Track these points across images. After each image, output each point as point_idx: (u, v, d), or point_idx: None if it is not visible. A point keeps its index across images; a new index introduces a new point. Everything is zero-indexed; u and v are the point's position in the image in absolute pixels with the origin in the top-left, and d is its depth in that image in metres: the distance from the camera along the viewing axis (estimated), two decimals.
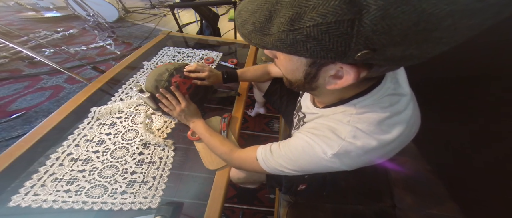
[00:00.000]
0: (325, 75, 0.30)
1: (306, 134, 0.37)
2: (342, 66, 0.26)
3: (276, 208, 0.95)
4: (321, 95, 0.40)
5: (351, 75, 0.26)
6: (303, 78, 0.32)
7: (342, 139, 0.32)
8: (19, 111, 1.37)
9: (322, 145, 0.34)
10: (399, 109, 0.33)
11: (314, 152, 0.34)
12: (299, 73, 0.32)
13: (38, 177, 0.52)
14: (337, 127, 0.34)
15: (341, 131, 0.33)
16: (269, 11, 0.22)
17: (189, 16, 3.18)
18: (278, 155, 0.41)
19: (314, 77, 0.31)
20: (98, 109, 0.69)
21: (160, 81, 0.63)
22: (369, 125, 0.32)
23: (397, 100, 0.34)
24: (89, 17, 2.25)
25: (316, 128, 0.37)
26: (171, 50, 1.12)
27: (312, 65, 0.29)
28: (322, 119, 0.38)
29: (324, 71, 0.29)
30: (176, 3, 1.60)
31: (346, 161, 0.33)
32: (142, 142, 0.62)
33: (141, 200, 0.50)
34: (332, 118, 0.36)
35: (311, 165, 0.36)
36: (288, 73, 0.35)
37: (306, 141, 0.36)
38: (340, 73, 0.28)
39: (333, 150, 0.32)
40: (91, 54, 2.08)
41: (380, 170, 0.82)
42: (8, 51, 1.81)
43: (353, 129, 0.32)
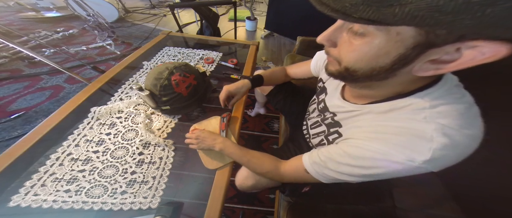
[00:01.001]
0: (424, 59, 0.25)
1: (373, 140, 0.32)
2: (461, 46, 0.21)
3: (276, 208, 0.95)
4: (380, 88, 0.34)
5: (487, 55, 0.20)
6: (391, 64, 0.26)
7: (430, 141, 0.27)
8: (19, 111, 1.37)
9: (405, 152, 0.29)
10: (471, 99, 0.30)
11: (395, 160, 0.29)
12: (386, 59, 0.26)
13: (38, 177, 0.51)
14: (415, 126, 0.29)
15: (423, 131, 0.28)
16: None
17: (189, 16, 3.18)
18: (336, 165, 0.37)
19: (407, 62, 0.26)
20: (98, 108, 0.69)
21: (160, 80, 0.63)
22: (453, 118, 0.27)
23: (464, 91, 0.31)
24: (89, 17, 2.25)
25: (383, 132, 0.32)
26: (171, 50, 1.12)
27: (416, 48, 0.23)
28: (383, 122, 0.33)
29: (427, 55, 0.24)
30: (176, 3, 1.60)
31: (439, 163, 0.28)
32: (142, 142, 0.62)
33: (141, 200, 0.50)
34: (397, 117, 0.31)
35: (390, 173, 0.32)
36: (364, 60, 0.28)
37: (377, 149, 0.31)
38: (447, 57, 0.23)
39: (424, 156, 0.27)
40: (91, 54, 2.07)
41: None
42: (8, 51, 1.80)
43: (437, 126, 0.27)
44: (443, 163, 0.28)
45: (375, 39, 0.25)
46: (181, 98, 0.67)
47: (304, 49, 1.40)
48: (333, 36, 0.31)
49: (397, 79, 0.30)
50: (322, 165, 0.39)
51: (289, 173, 0.48)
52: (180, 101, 0.67)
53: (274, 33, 2.77)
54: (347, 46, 0.29)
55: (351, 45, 0.28)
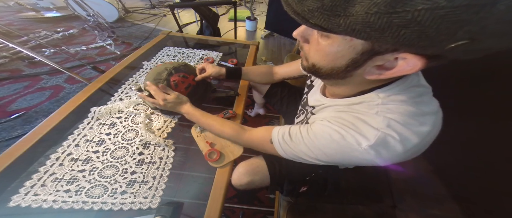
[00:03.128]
0: (371, 64, 0.28)
1: (333, 123, 0.35)
2: (398, 57, 0.25)
3: (276, 208, 0.95)
4: (345, 85, 0.38)
5: (411, 67, 0.24)
6: (345, 66, 0.30)
7: (376, 129, 0.30)
8: (19, 111, 1.37)
9: (355, 135, 0.32)
10: (427, 100, 0.33)
11: (345, 142, 0.33)
12: (342, 61, 0.30)
13: (38, 177, 0.51)
14: (366, 118, 0.32)
15: (372, 122, 0.31)
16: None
17: (189, 16, 3.18)
18: (299, 141, 0.39)
19: (358, 66, 0.29)
20: (98, 108, 0.69)
21: (159, 80, 0.63)
22: (401, 115, 0.30)
23: (423, 91, 0.33)
24: (89, 17, 2.25)
25: (342, 118, 0.35)
26: (171, 50, 1.12)
27: (365, 54, 0.27)
28: (343, 111, 0.37)
29: (373, 61, 0.28)
30: (176, 3, 1.60)
31: (384, 153, 0.31)
32: (142, 142, 0.62)
33: (141, 200, 0.50)
34: (355, 109, 0.35)
35: (340, 155, 0.35)
36: (326, 60, 0.32)
37: (336, 130, 0.34)
38: (388, 64, 0.27)
39: (368, 141, 0.30)
40: (91, 54, 2.07)
41: (380, 170, 0.82)
42: (8, 51, 1.80)
43: (385, 119, 0.30)
44: (387, 153, 0.31)
45: (335, 41, 0.28)
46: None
47: None
48: (306, 33, 0.33)
49: (354, 79, 0.34)
50: (287, 138, 0.42)
51: (252, 139, 0.51)
52: None
53: (274, 33, 2.77)
54: (315, 45, 0.32)
55: (318, 44, 0.31)
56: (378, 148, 0.30)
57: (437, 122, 0.32)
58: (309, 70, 0.37)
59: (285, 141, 0.42)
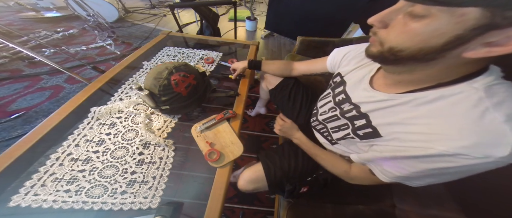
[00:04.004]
0: (481, 40, 0.24)
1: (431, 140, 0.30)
2: None
3: (276, 208, 0.95)
4: (420, 72, 0.33)
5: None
6: (442, 44, 0.26)
7: (504, 136, 0.25)
8: (19, 111, 1.37)
9: (476, 149, 0.27)
10: None
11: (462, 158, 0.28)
12: (439, 39, 0.26)
13: (38, 177, 0.52)
14: (480, 121, 0.27)
15: (494, 125, 0.26)
16: None
17: (189, 16, 3.18)
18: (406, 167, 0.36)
19: (460, 43, 0.25)
20: (98, 108, 0.69)
21: (159, 79, 0.63)
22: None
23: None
24: (89, 17, 2.25)
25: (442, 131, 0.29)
26: (171, 50, 1.12)
27: (477, 29, 0.23)
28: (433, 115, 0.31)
29: (486, 36, 0.24)
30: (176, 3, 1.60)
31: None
32: (142, 142, 0.62)
33: (141, 200, 0.50)
34: (452, 109, 0.30)
35: (461, 173, 0.30)
36: (416, 40, 0.28)
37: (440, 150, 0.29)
38: (503, 41, 0.23)
39: (501, 152, 0.25)
40: (91, 54, 2.07)
41: None
42: (8, 51, 1.80)
43: (506, 118, 0.25)
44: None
45: (435, 20, 0.25)
46: (181, 98, 0.67)
47: (304, 49, 1.40)
48: (388, 17, 0.31)
49: (442, 62, 0.29)
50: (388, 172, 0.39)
51: (359, 177, 0.50)
52: (179, 101, 0.67)
53: (274, 33, 2.77)
54: (401, 27, 0.29)
55: (405, 26, 0.28)
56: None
57: None
58: (380, 56, 0.33)
59: (386, 175, 0.40)
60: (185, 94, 0.67)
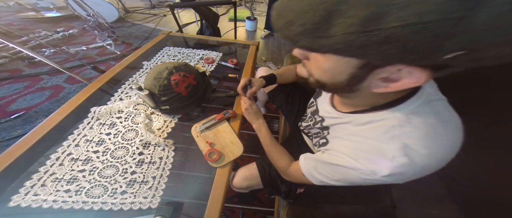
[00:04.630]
0: (375, 77, 0.27)
1: (347, 154, 0.36)
2: (401, 68, 0.23)
3: (276, 208, 0.95)
4: (356, 98, 0.37)
5: (415, 79, 0.23)
6: (346, 80, 0.29)
7: (391, 160, 0.29)
8: (19, 111, 1.37)
9: (369, 167, 0.32)
10: (446, 116, 0.31)
11: (360, 172, 0.33)
12: (342, 76, 0.29)
13: (38, 177, 0.52)
14: (381, 146, 0.31)
15: (387, 150, 0.30)
16: (328, 12, 0.20)
17: (189, 16, 3.18)
18: (322, 174, 0.41)
19: (360, 80, 0.28)
20: (98, 108, 0.69)
21: (159, 79, 0.63)
22: (417, 139, 0.29)
23: (442, 106, 0.32)
24: (89, 17, 2.25)
25: (356, 148, 0.35)
26: (171, 50, 1.12)
27: (363, 67, 0.26)
28: (358, 136, 0.36)
29: (375, 74, 0.26)
30: (176, 3, 1.60)
31: (398, 179, 0.31)
32: (142, 142, 0.62)
33: (141, 200, 0.50)
34: (371, 133, 0.34)
35: (359, 181, 0.35)
36: (326, 76, 0.31)
37: (349, 163, 0.35)
38: (394, 76, 0.25)
39: (383, 172, 0.30)
40: (91, 54, 2.08)
41: None
42: (8, 51, 1.81)
43: (401, 146, 0.29)
44: (401, 178, 0.31)
45: (331, 58, 0.28)
46: (181, 98, 0.67)
47: None
48: (303, 53, 0.33)
49: (363, 93, 0.32)
50: (313, 171, 0.43)
51: (292, 174, 0.53)
52: (179, 101, 0.67)
53: (274, 33, 2.77)
54: (315, 62, 0.31)
55: (316, 61, 0.31)
56: (393, 176, 0.30)
57: (457, 139, 0.30)
58: (316, 86, 0.36)
59: (312, 174, 0.43)
60: (185, 94, 0.67)
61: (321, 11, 0.21)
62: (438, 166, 0.30)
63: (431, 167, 0.30)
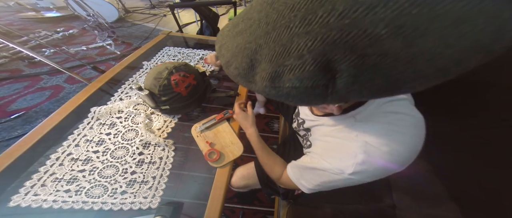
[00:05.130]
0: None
1: (320, 154, 0.39)
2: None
3: (276, 208, 0.95)
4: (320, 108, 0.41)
5: (335, 107, 0.30)
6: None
7: (354, 157, 0.32)
8: (19, 111, 1.37)
9: (337, 165, 0.34)
10: (404, 115, 0.33)
11: (330, 172, 0.35)
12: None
13: (38, 177, 0.51)
14: (346, 144, 0.34)
15: (351, 148, 0.33)
16: (250, 60, 0.21)
17: (189, 16, 3.18)
18: (308, 181, 0.42)
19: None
20: (98, 108, 0.69)
21: (159, 79, 0.63)
22: (377, 137, 0.31)
23: (399, 105, 0.34)
24: (89, 17, 2.25)
25: (326, 148, 0.38)
26: (171, 50, 1.12)
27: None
28: (330, 136, 0.39)
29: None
30: (176, 3, 1.60)
31: (364, 177, 0.33)
32: (142, 142, 0.62)
33: (141, 200, 0.50)
34: (338, 133, 0.37)
35: (334, 183, 0.37)
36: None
37: (321, 164, 0.37)
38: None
39: (348, 169, 0.33)
40: (91, 54, 2.08)
41: None
42: (8, 51, 1.81)
43: (362, 144, 0.32)
44: (367, 176, 0.33)
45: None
46: (181, 98, 0.67)
47: None
48: None
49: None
50: (299, 178, 0.45)
51: (284, 182, 0.52)
52: (179, 101, 0.67)
53: None
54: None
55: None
56: (358, 174, 0.33)
57: (417, 134, 0.32)
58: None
59: (301, 182, 0.44)
60: (185, 94, 0.67)
61: (245, 58, 0.22)
62: (401, 162, 0.32)
63: (394, 164, 0.31)
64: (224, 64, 0.26)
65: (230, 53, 0.24)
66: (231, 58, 0.24)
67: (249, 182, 0.69)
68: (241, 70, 0.23)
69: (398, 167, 0.32)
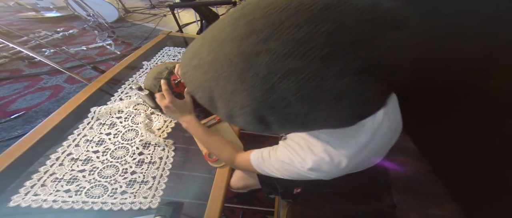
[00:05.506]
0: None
1: (287, 146, 0.40)
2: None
3: (276, 208, 0.95)
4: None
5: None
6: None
7: (314, 154, 0.35)
8: (19, 111, 1.37)
9: (299, 159, 0.36)
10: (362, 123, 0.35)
11: (294, 164, 0.37)
12: None
13: (38, 177, 0.51)
14: (310, 140, 0.37)
15: (314, 145, 0.36)
16: (209, 96, 0.24)
17: (189, 16, 3.18)
18: (268, 163, 0.44)
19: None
20: (98, 108, 0.69)
21: (159, 79, 0.63)
22: (336, 138, 0.34)
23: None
24: (89, 17, 2.25)
25: (295, 141, 0.40)
26: (171, 50, 1.12)
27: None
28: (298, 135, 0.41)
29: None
30: (176, 3, 1.60)
31: (321, 174, 0.36)
32: (142, 142, 0.62)
33: (141, 200, 0.50)
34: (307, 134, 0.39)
35: (294, 175, 0.39)
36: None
37: (287, 155, 0.39)
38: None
39: (308, 164, 0.35)
40: (91, 54, 2.08)
41: (380, 170, 0.82)
42: (8, 51, 1.81)
43: (322, 144, 0.35)
44: (324, 174, 0.36)
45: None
46: (181, 98, 0.67)
47: None
48: None
49: None
50: (261, 160, 0.45)
51: (239, 163, 0.53)
52: None
53: None
54: None
55: None
56: (315, 170, 0.35)
57: (377, 136, 0.36)
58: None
59: (259, 163, 0.45)
60: (185, 93, 0.67)
61: (205, 93, 0.24)
62: (357, 164, 0.35)
63: (346, 165, 0.34)
64: (190, 92, 0.28)
65: (193, 83, 0.25)
66: (194, 89, 0.26)
67: (248, 182, 0.70)
68: (205, 102, 0.26)
69: (354, 169, 0.36)
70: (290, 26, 0.16)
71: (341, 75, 0.17)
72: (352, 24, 0.16)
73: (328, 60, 0.16)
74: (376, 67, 0.18)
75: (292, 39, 0.16)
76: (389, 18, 0.18)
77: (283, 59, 0.17)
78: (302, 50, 0.16)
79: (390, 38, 0.18)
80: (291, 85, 0.17)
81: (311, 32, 0.16)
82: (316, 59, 0.16)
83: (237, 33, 0.19)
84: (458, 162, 0.78)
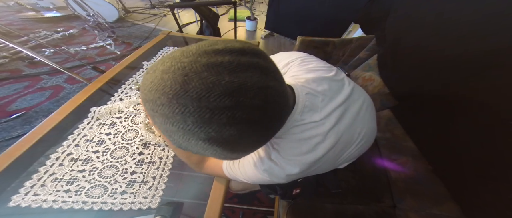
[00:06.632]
0: None
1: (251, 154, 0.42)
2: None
3: (276, 208, 0.95)
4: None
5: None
6: None
7: (268, 158, 0.39)
8: (19, 111, 1.37)
9: (256, 159, 0.41)
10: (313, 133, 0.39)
11: (253, 164, 0.41)
12: None
13: (38, 177, 0.52)
14: (267, 147, 0.41)
15: (269, 151, 0.40)
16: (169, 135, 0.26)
17: (189, 16, 3.18)
18: (236, 168, 0.45)
19: None
20: (98, 108, 0.69)
21: None
22: (285, 150, 0.39)
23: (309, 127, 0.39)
24: (89, 17, 2.25)
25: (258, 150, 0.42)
26: (171, 50, 1.12)
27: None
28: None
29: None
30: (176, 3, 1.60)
31: (274, 179, 0.39)
32: (142, 142, 0.62)
33: (141, 200, 0.50)
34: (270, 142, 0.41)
35: (254, 177, 0.42)
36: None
37: (252, 157, 0.42)
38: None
39: (263, 165, 0.39)
40: (91, 54, 2.08)
41: (380, 170, 0.82)
42: (8, 51, 1.80)
43: (274, 152, 0.39)
44: (276, 178, 0.40)
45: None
46: None
47: (304, 49, 1.40)
48: None
49: None
50: (232, 166, 0.46)
51: (210, 167, 0.52)
52: None
53: (274, 33, 2.77)
54: None
55: None
56: (268, 172, 0.39)
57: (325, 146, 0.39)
58: None
59: (231, 168, 0.46)
60: None
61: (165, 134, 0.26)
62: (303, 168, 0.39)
63: (296, 173, 0.38)
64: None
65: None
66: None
67: (247, 184, 0.70)
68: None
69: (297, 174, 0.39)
70: (160, 104, 0.22)
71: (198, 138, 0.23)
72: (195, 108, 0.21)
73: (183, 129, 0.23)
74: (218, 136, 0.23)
75: (163, 114, 0.22)
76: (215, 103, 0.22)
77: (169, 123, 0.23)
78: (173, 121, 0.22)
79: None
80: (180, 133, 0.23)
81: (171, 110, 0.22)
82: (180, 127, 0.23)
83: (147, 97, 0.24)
84: (458, 162, 0.78)
